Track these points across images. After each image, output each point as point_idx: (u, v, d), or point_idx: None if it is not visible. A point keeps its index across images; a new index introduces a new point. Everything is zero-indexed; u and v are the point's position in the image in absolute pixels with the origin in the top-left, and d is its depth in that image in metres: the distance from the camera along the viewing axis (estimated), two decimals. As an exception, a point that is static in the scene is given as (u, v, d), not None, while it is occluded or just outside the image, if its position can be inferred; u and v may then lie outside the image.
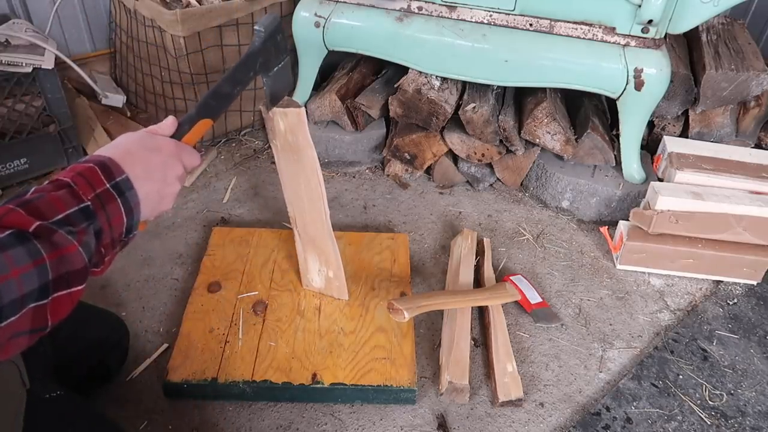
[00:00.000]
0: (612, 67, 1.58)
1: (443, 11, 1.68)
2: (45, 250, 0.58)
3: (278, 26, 0.97)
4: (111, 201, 0.68)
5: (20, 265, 0.56)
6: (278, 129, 1.11)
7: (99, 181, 0.67)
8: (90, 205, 0.65)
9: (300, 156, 1.14)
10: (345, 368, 1.22)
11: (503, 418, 1.24)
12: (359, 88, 1.95)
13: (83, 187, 0.65)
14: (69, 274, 0.61)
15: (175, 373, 1.19)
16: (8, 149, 1.69)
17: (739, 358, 1.40)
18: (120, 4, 1.96)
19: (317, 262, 1.34)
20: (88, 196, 0.65)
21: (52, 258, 0.59)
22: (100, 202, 0.66)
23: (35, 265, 0.57)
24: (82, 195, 0.65)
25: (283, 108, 1.07)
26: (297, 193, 1.23)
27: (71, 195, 0.64)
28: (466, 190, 1.92)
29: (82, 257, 0.63)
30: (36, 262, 0.57)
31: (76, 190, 0.65)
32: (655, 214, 1.52)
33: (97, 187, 0.66)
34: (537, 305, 1.46)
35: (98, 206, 0.66)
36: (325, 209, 1.22)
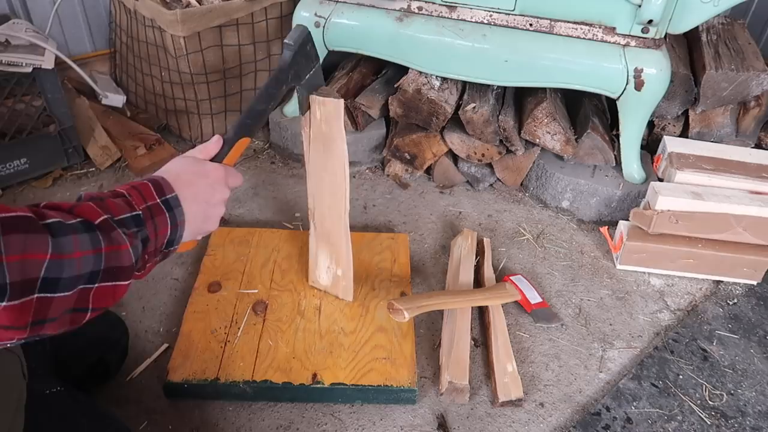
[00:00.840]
0: (612, 67, 1.58)
1: (443, 11, 1.68)
2: (104, 242, 0.65)
3: (307, 37, 1.00)
4: (160, 213, 0.75)
5: (83, 250, 0.63)
6: (314, 117, 1.12)
7: (151, 196, 0.75)
8: (141, 214, 0.72)
9: (331, 147, 1.15)
10: (345, 368, 1.22)
11: (503, 418, 1.24)
12: (359, 88, 1.95)
13: (137, 198, 0.73)
14: (117, 269, 0.67)
15: (175, 373, 1.19)
16: (8, 149, 1.69)
17: (739, 358, 1.40)
18: (120, 4, 1.96)
19: (327, 259, 1.34)
20: (140, 206, 0.73)
21: (107, 251, 0.66)
22: (150, 213, 0.74)
23: (94, 253, 0.64)
24: (135, 204, 0.72)
25: (323, 97, 1.08)
26: (320, 184, 1.23)
27: (126, 203, 0.72)
28: (466, 190, 1.92)
29: (131, 257, 0.69)
30: (95, 250, 0.64)
31: (130, 200, 0.72)
32: (655, 214, 1.52)
33: (148, 200, 0.74)
34: (537, 305, 1.46)
35: (148, 216, 0.73)
36: (346, 203, 1.22)
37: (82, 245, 0.63)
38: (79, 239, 0.63)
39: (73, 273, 0.62)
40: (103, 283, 0.66)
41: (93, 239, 0.64)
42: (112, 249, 0.66)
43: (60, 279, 0.61)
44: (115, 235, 0.67)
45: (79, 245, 0.63)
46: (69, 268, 0.62)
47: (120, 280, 0.69)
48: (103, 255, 0.65)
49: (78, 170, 1.86)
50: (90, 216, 0.66)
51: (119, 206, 0.70)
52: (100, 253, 0.65)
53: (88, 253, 0.64)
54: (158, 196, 0.75)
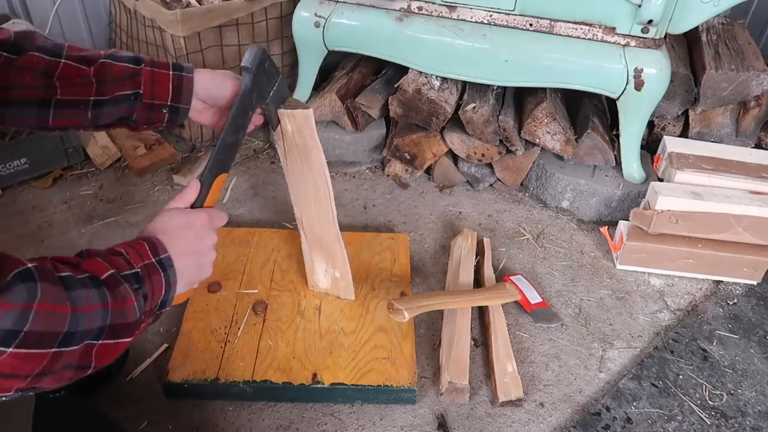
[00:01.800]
0: (612, 67, 1.58)
1: (443, 11, 1.68)
2: (110, 297, 0.66)
3: (263, 55, 0.97)
4: (155, 273, 0.74)
5: (94, 304, 0.64)
6: (285, 131, 1.11)
7: (146, 255, 0.74)
8: (140, 272, 0.72)
9: (307, 157, 1.14)
10: (345, 368, 1.22)
11: (503, 418, 1.24)
12: (359, 88, 1.95)
13: (134, 257, 0.73)
14: (121, 325, 0.68)
15: (175, 373, 1.19)
16: (8, 149, 1.69)
17: (739, 358, 1.40)
18: (120, 4, 1.96)
19: (323, 263, 1.34)
20: (138, 264, 0.72)
21: (114, 306, 0.66)
22: (147, 272, 0.73)
23: (102, 307, 0.65)
24: (133, 263, 0.72)
25: (291, 110, 1.07)
26: (304, 194, 1.23)
27: (125, 261, 0.71)
28: (466, 190, 1.92)
29: (135, 312, 0.70)
30: (103, 305, 0.65)
31: (128, 258, 0.72)
32: (655, 214, 1.52)
33: (145, 259, 0.74)
34: (537, 305, 1.46)
35: (146, 275, 0.73)
36: (332, 209, 1.22)
37: (93, 299, 0.64)
38: (89, 294, 0.64)
39: (85, 327, 0.63)
40: (107, 340, 0.66)
41: (101, 294, 0.65)
42: (118, 305, 0.67)
43: (75, 333, 0.61)
44: (121, 291, 0.67)
45: (90, 299, 0.63)
46: (83, 322, 0.62)
47: (122, 338, 0.69)
48: (110, 310, 0.65)
49: (78, 170, 1.86)
50: (97, 271, 0.66)
51: (120, 264, 0.70)
52: (107, 309, 0.65)
53: (98, 307, 0.64)
54: (153, 255, 0.75)
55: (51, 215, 1.69)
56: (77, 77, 0.86)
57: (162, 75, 0.91)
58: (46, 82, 0.84)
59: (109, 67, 0.88)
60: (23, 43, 0.83)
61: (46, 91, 0.84)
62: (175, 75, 0.92)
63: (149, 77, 0.90)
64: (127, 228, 1.66)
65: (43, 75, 0.83)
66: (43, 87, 0.84)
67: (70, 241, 1.61)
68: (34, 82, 0.83)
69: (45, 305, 0.58)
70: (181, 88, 0.93)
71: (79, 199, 1.76)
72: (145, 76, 0.90)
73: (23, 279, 0.57)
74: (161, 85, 0.91)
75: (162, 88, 0.91)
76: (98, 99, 0.88)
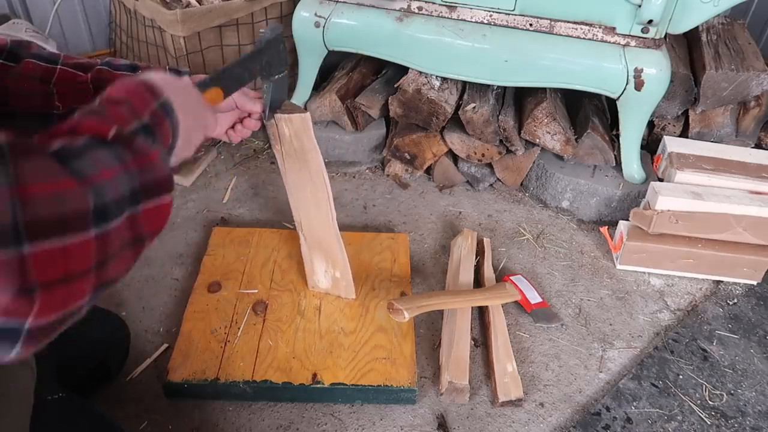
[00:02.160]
0: (612, 67, 1.58)
1: (443, 11, 1.68)
2: (128, 154, 0.56)
3: (279, 36, 1.00)
4: (162, 121, 0.64)
5: (110, 167, 0.53)
6: (283, 135, 1.11)
7: (150, 100, 0.64)
8: (149, 123, 0.62)
9: (305, 160, 1.14)
10: (345, 368, 1.22)
11: (503, 418, 1.24)
12: (359, 88, 1.95)
13: (139, 104, 0.62)
14: (155, 182, 0.59)
15: (175, 373, 1.19)
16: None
17: (739, 358, 1.40)
18: (120, 4, 1.96)
19: (323, 264, 1.34)
20: (145, 114, 0.62)
21: (136, 164, 0.56)
22: (154, 120, 0.63)
23: (122, 169, 0.54)
24: (140, 111, 0.61)
25: (288, 114, 1.07)
26: (302, 196, 1.23)
27: (131, 111, 0.60)
28: (466, 190, 1.92)
29: (163, 164, 0.60)
30: (122, 165, 0.55)
31: (134, 106, 0.61)
32: (655, 214, 1.52)
33: (150, 104, 0.63)
34: (537, 305, 1.46)
35: (153, 124, 0.63)
36: (331, 211, 1.22)
37: (107, 162, 0.53)
38: (99, 157, 0.53)
39: (113, 196, 0.53)
40: (147, 203, 0.57)
41: (114, 154, 0.54)
42: (142, 161, 0.57)
43: (106, 205, 0.51)
44: (138, 145, 0.57)
45: (103, 162, 0.53)
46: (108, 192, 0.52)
47: (163, 195, 0.60)
48: (134, 170, 0.56)
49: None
50: (99, 131, 0.55)
51: (123, 116, 0.59)
52: (130, 170, 0.55)
53: (118, 170, 0.54)
54: (153, 99, 0.64)
55: (51, 215, 1.69)
56: (75, 83, 0.85)
57: None
58: (43, 88, 0.84)
59: (106, 74, 0.87)
60: (19, 51, 0.83)
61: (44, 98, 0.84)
62: None
63: None
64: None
65: (40, 81, 0.83)
66: (40, 93, 0.84)
67: (70, 241, 1.60)
68: (32, 88, 0.83)
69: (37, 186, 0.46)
70: None
71: (79, 199, 1.76)
72: None
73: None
74: None
75: None
76: None
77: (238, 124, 1.02)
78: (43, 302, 0.47)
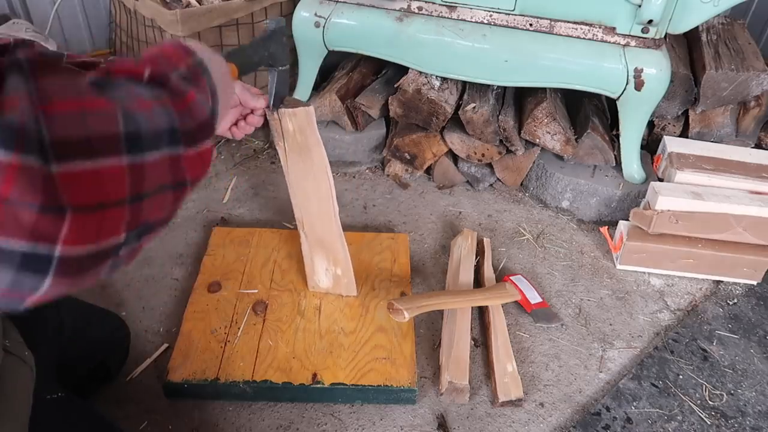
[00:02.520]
0: (612, 67, 1.58)
1: (443, 11, 1.68)
2: (164, 93, 0.53)
3: (283, 28, 1.01)
4: (199, 77, 0.61)
5: (146, 99, 0.50)
6: (286, 130, 1.11)
7: (186, 56, 0.61)
8: (187, 74, 0.59)
9: (308, 155, 1.14)
10: (345, 368, 1.22)
11: (503, 418, 1.24)
12: (359, 88, 1.95)
13: (175, 58, 0.59)
14: (196, 126, 0.55)
15: (175, 373, 1.19)
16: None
17: (739, 358, 1.40)
18: (120, 4, 1.96)
19: (325, 262, 1.34)
20: (181, 65, 0.59)
21: (175, 104, 0.53)
22: (192, 73, 0.60)
23: (160, 104, 0.51)
24: (176, 61, 0.59)
25: (291, 108, 1.07)
26: (305, 193, 1.23)
27: (167, 62, 0.58)
28: (466, 190, 1.92)
29: (203, 107, 0.57)
30: (159, 102, 0.51)
31: (170, 59, 0.59)
32: (655, 214, 1.52)
33: (187, 59, 0.61)
34: (537, 305, 1.46)
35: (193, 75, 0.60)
36: (334, 206, 1.22)
37: (142, 93, 0.50)
38: (134, 89, 0.50)
39: (150, 127, 0.49)
40: (188, 148, 0.54)
41: (149, 91, 0.51)
42: (179, 102, 0.54)
43: (140, 134, 0.47)
44: (174, 85, 0.54)
45: (138, 93, 0.50)
46: (143, 121, 0.48)
47: (205, 140, 0.57)
48: (172, 110, 0.52)
49: (78, 170, 1.86)
50: (134, 72, 0.53)
51: (159, 63, 0.56)
52: (168, 108, 0.52)
53: (154, 103, 0.50)
54: (189, 57, 0.61)
55: (51, 215, 1.69)
56: None
57: None
58: None
59: None
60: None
61: None
62: None
63: None
64: (127, 228, 1.66)
65: None
66: None
67: (70, 241, 1.60)
68: None
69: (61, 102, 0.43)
70: None
71: (79, 199, 1.76)
72: None
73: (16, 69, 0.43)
74: None
75: None
76: None
77: (241, 121, 1.02)
78: (73, 225, 0.43)
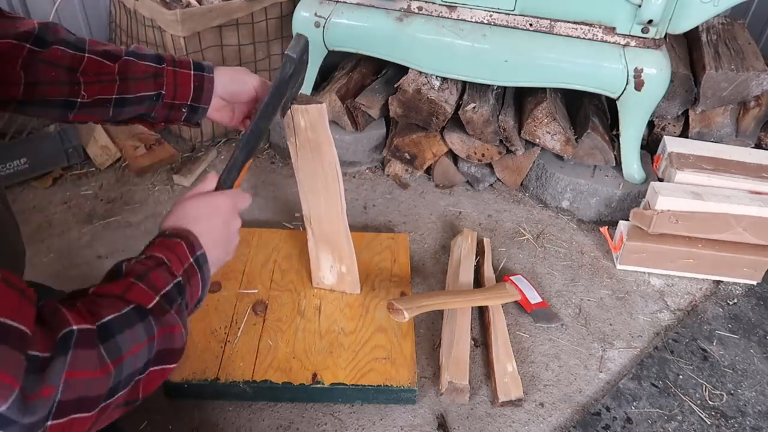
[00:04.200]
0: (612, 67, 1.58)
1: (443, 11, 1.68)
2: (156, 327, 0.63)
3: (306, 46, 0.97)
4: (194, 275, 0.72)
5: (140, 343, 0.61)
6: (298, 126, 1.11)
7: (185, 257, 0.71)
8: (181, 281, 0.69)
9: (319, 151, 1.14)
10: (345, 368, 1.22)
11: (503, 418, 1.24)
12: (359, 88, 1.95)
13: (175, 263, 0.70)
14: (168, 351, 0.65)
15: (175, 373, 1.19)
16: (8, 149, 1.69)
17: (739, 358, 1.40)
18: (120, 4, 1.96)
19: (330, 259, 1.34)
20: (179, 272, 0.69)
21: (160, 335, 0.64)
22: (187, 277, 0.71)
23: (148, 342, 0.62)
24: (175, 271, 0.69)
25: (304, 105, 1.07)
26: (313, 189, 1.23)
27: (167, 272, 0.68)
28: (466, 190, 1.92)
29: (182, 338, 0.68)
30: (149, 339, 0.62)
31: (171, 267, 0.69)
32: (655, 214, 1.52)
33: (184, 262, 0.71)
34: (537, 305, 1.46)
35: (186, 281, 0.70)
36: (342, 204, 1.22)
37: (140, 338, 0.61)
38: (136, 334, 0.61)
39: (131, 370, 0.61)
40: (153, 368, 0.64)
41: (147, 328, 0.62)
42: (165, 331, 0.64)
43: (119, 383, 0.59)
44: (167, 318, 0.65)
45: (138, 338, 0.61)
46: (128, 367, 0.60)
47: (168, 363, 0.66)
48: (156, 341, 0.63)
49: (78, 170, 1.86)
50: (142, 300, 0.63)
51: (164, 279, 0.67)
52: (153, 341, 0.63)
53: (144, 345, 0.62)
54: (191, 254, 0.72)
55: (51, 215, 1.69)
56: (101, 73, 0.86)
57: (184, 75, 0.91)
58: (70, 77, 0.84)
59: (132, 65, 0.88)
60: (47, 36, 0.83)
61: (71, 87, 0.84)
62: (196, 75, 0.92)
63: (172, 78, 0.90)
64: (127, 228, 1.66)
65: (67, 70, 0.83)
66: (68, 83, 0.84)
67: (70, 241, 1.61)
68: (59, 77, 0.83)
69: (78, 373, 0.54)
70: (202, 88, 0.93)
71: (79, 199, 1.76)
72: (167, 76, 0.90)
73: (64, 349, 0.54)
74: (183, 86, 0.91)
75: (184, 89, 0.91)
76: (120, 97, 0.88)
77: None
78: None
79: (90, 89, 0.85)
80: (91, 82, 0.85)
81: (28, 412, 0.50)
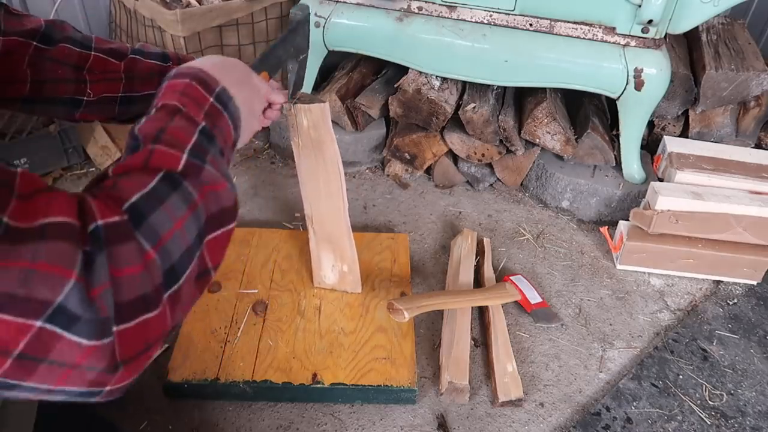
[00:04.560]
0: (612, 67, 1.58)
1: (443, 11, 1.68)
2: (194, 191, 0.55)
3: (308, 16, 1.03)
4: (219, 117, 0.64)
5: (180, 216, 0.53)
6: (301, 125, 1.11)
7: (202, 97, 0.63)
8: (206, 126, 0.61)
9: (321, 150, 1.15)
10: (345, 368, 1.22)
11: (503, 418, 1.24)
12: (359, 88, 1.95)
13: (192, 107, 0.61)
14: (219, 213, 0.58)
15: (175, 373, 1.19)
16: (8, 149, 1.69)
17: (739, 358, 1.40)
18: (120, 4, 1.96)
19: (331, 258, 1.34)
20: (200, 116, 0.61)
21: (202, 199, 0.56)
22: (211, 120, 0.63)
23: (191, 212, 0.54)
24: (194, 116, 0.61)
25: (307, 104, 1.07)
26: (315, 189, 1.23)
27: (187, 120, 0.60)
28: (466, 190, 1.92)
29: (230, 193, 0.60)
30: (191, 208, 0.54)
31: (188, 112, 0.61)
32: (655, 214, 1.52)
33: (202, 103, 0.63)
34: (537, 305, 1.46)
35: (211, 125, 0.62)
36: (344, 203, 1.23)
37: (178, 211, 0.53)
38: (172, 206, 0.53)
39: (182, 248, 0.53)
40: (211, 235, 0.57)
41: (184, 195, 0.54)
42: (207, 191, 0.56)
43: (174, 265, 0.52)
44: (204, 176, 0.57)
45: (176, 213, 0.53)
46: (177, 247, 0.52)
47: (228, 224, 0.59)
48: (200, 207, 0.55)
49: (78, 170, 1.86)
50: (169, 164, 0.55)
51: (185, 130, 0.58)
52: (197, 209, 0.55)
53: (186, 217, 0.54)
54: (208, 93, 0.64)
55: (51, 215, 1.69)
56: (107, 71, 0.86)
57: None
58: (76, 75, 0.84)
59: (138, 63, 0.88)
60: (54, 33, 0.83)
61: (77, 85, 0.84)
62: None
63: None
64: (127, 228, 1.66)
65: (74, 68, 0.83)
66: (74, 81, 0.84)
67: (70, 241, 1.60)
68: (66, 75, 0.83)
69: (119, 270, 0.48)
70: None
71: (79, 199, 1.76)
72: None
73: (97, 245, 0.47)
74: None
75: None
76: (126, 96, 0.88)
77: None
78: (124, 373, 0.50)
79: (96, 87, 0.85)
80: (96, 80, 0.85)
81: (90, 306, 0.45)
